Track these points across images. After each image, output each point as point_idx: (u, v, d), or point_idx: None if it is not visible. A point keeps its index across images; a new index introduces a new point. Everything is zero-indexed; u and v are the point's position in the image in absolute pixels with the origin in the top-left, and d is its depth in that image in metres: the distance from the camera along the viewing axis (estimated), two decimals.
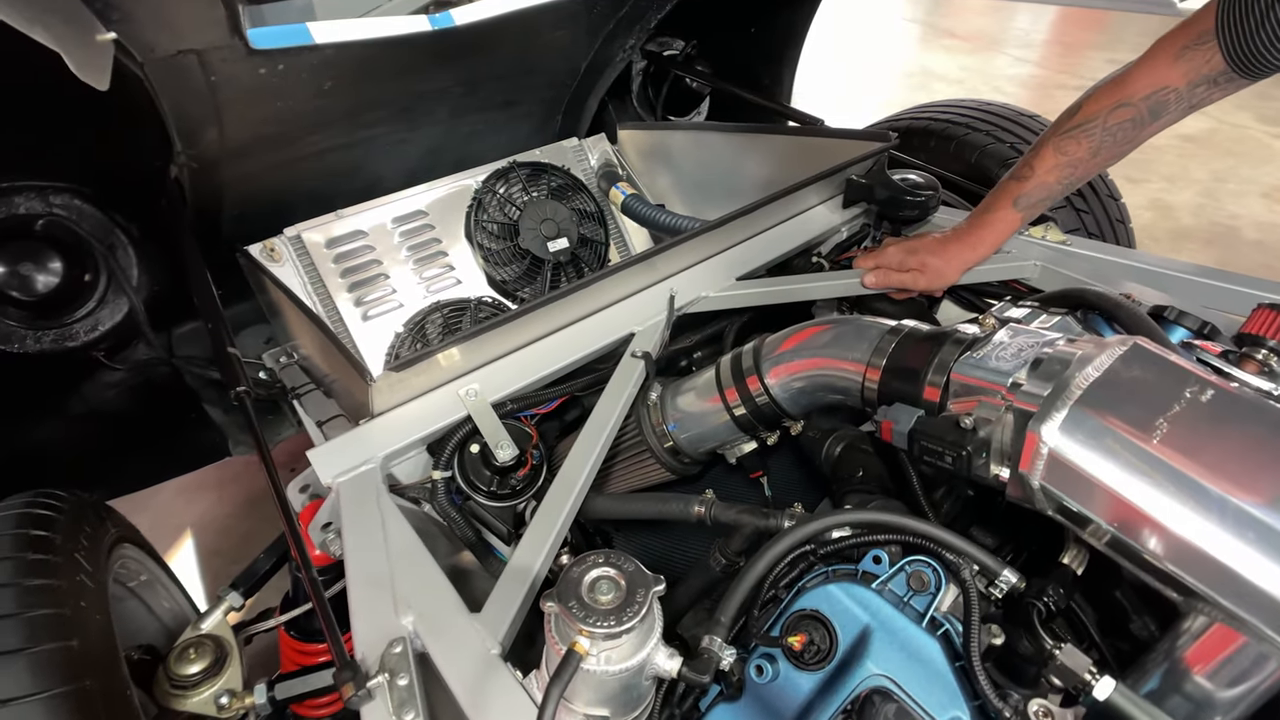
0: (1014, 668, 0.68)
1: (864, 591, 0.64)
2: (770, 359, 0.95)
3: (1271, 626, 0.54)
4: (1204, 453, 0.59)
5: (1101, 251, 1.20)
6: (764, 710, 0.64)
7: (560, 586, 0.60)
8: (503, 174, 1.72)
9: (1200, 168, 3.34)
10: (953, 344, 0.77)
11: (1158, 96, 0.95)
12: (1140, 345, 0.70)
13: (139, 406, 1.64)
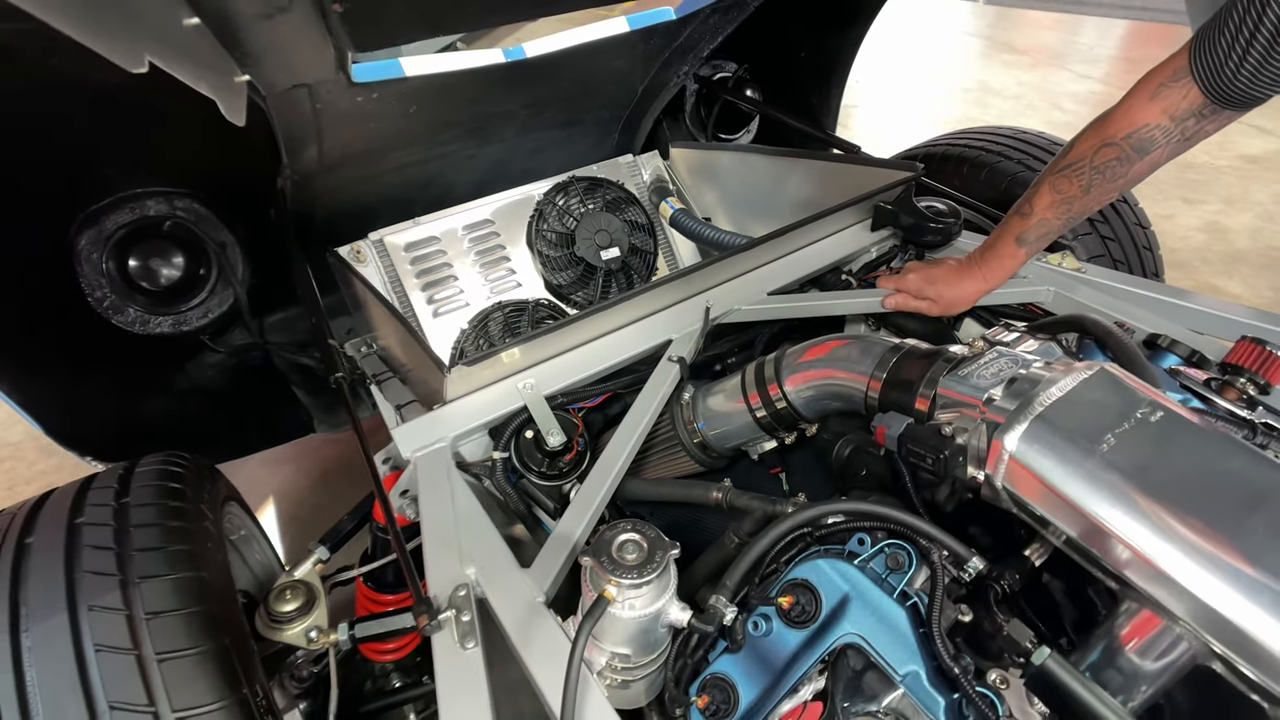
0: (981, 644, 0.79)
1: (846, 566, 0.77)
2: (789, 368, 1.08)
3: (1185, 613, 0.64)
4: (1142, 467, 0.69)
5: (1113, 280, 1.28)
6: (759, 660, 0.77)
7: (595, 545, 0.74)
8: (562, 187, 1.89)
9: (1262, 190, 3.27)
10: (943, 362, 0.88)
11: (1140, 134, 0.99)
12: (1106, 370, 0.80)
13: (236, 385, 1.86)
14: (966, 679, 0.67)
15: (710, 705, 0.77)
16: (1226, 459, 0.71)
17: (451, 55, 1.52)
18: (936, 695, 0.69)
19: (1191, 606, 0.64)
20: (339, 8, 1.09)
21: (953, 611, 0.77)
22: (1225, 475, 0.70)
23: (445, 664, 0.79)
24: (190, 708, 0.80)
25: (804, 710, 0.74)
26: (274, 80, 1.20)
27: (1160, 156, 1.03)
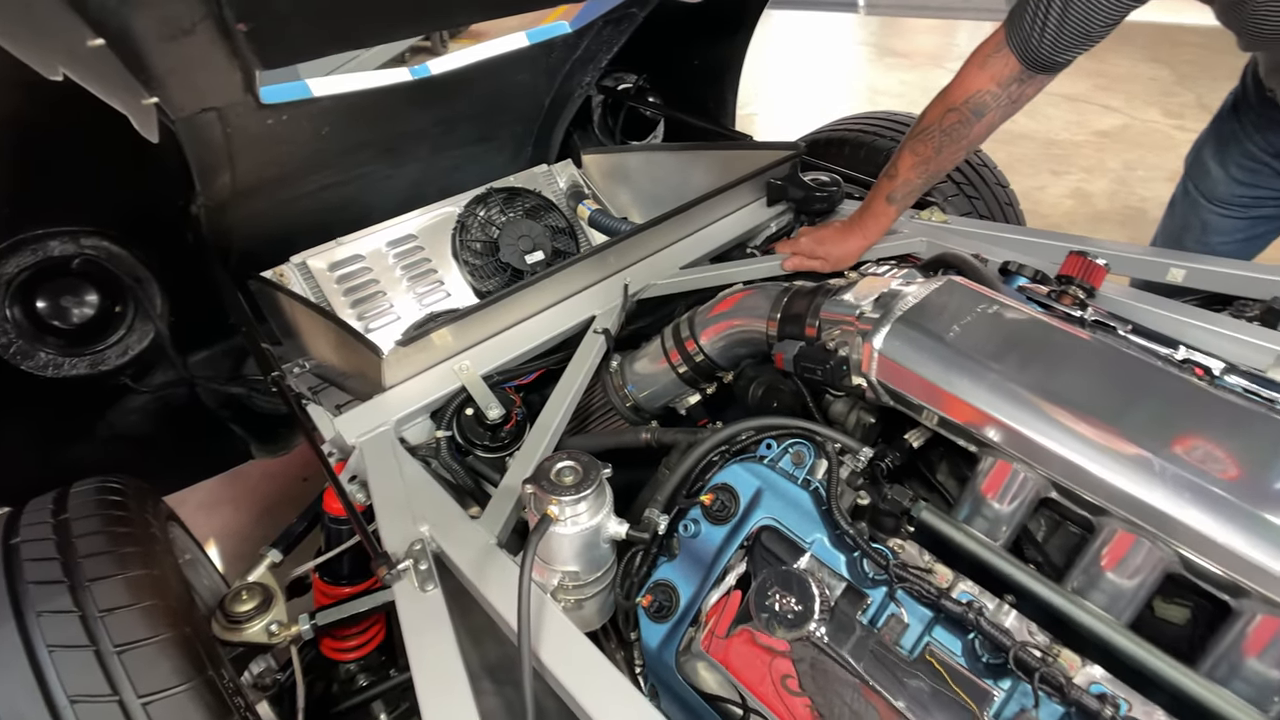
0: (880, 523, 0.92)
1: (757, 466, 0.89)
2: (702, 324, 1.21)
3: (1026, 455, 0.80)
4: (980, 346, 0.85)
5: (973, 226, 1.49)
6: (693, 560, 0.88)
7: (535, 474, 0.84)
8: (482, 199, 1.99)
9: (1114, 159, 3.70)
10: (824, 293, 1.03)
11: (975, 99, 1.18)
12: (952, 280, 0.97)
13: (164, 423, 1.85)
14: (861, 539, 0.81)
15: (654, 604, 0.87)
16: (1046, 335, 0.88)
17: (359, 75, 1.61)
18: (838, 554, 0.82)
19: (1028, 447, 0.79)
20: (243, 27, 1.16)
21: (853, 496, 0.90)
22: (1044, 346, 0.86)
23: (409, 609, 0.87)
24: (156, 691, 0.84)
25: (727, 602, 0.85)
26: (182, 104, 1.25)
27: (994, 119, 1.22)
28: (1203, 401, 0.82)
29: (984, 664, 0.73)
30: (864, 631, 0.77)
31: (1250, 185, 1.48)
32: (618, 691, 0.75)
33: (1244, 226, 1.55)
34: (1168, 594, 0.85)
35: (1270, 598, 0.68)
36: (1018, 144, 3.92)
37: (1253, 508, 0.69)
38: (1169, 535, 0.73)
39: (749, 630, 0.81)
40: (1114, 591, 0.77)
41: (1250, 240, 1.57)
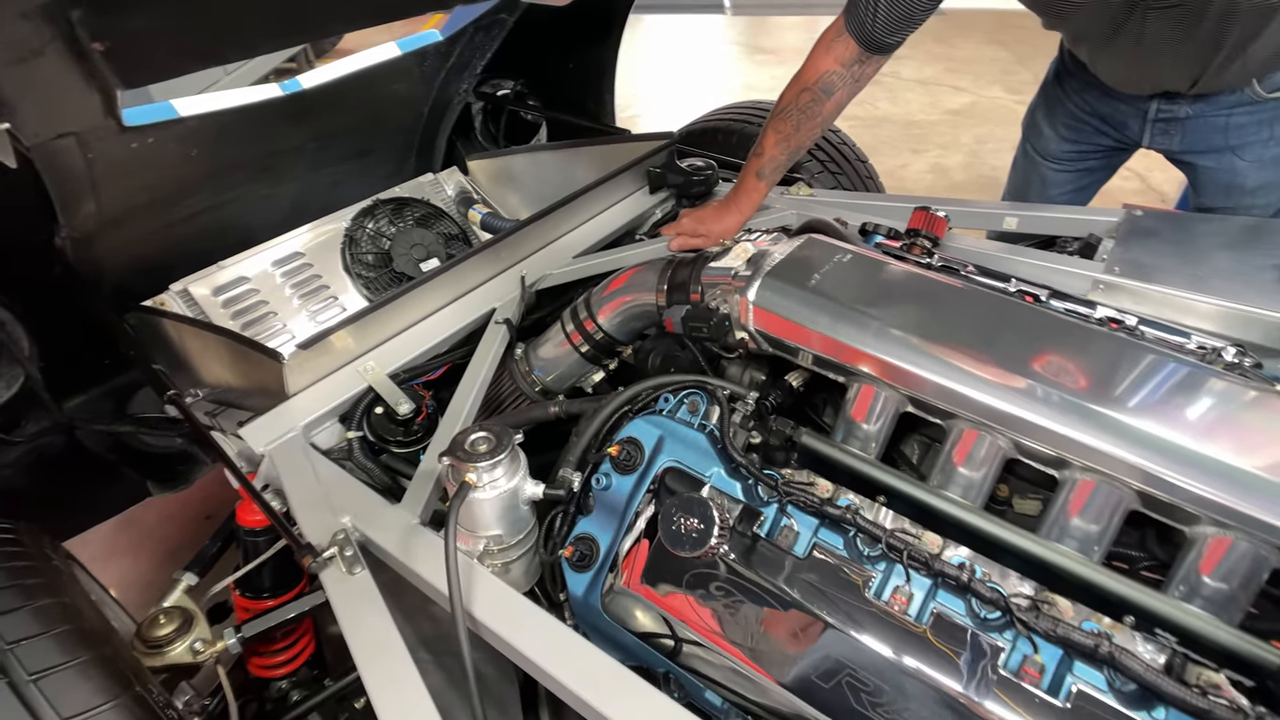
0: (772, 458, 1.03)
1: (657, 417, 0.99)
2: (598, 303, 1.30)
3: (884, 376, 0.93)
4: (837, 288, 0.99)
5: (836, 196, 1.66)
6: (608, 510, 0.96)
7: (450, 446, 0.90)
8: (369, 211, 1.99)
9: (966, 134, 4.11)
10: (703, 261, 1.15)
11: (824, 79, 1.33)
12: (812, 238, 1.10)
13: (43, 475, 1.75)
14: (753, 467, 0.91)
15: (576, 554, 0.95)
16: (895, 275, 1.03)
17: (226, 93, 1.60)
18: (734, 482, 0.92)
19: (885, 369, 0.93)
20: (100, 46, 1.14)
21: (745, 436, 1.01)
22: (893, 284, 1.01)
23: (339, 593, 0.90)
24: (79, 712, 0.84)
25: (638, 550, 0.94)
26: (36, 129, 1.21)
27: (842, 97, 1.37)
28: (1028, 319, 0.98)
29: (864, 555, 0.85)
30: (761, 542, 0.87)
31: (1076, 142, 1.72)
32: (555, 634, 0.82)
33: (1074, 178, 1.80)
34: (1023, 493, 1.01)
35: (1086, 465, 0.84)
36: (881, 127, 4.27)
37: (1068, 396, 0.85)
38: (1003, 425, 0.88)
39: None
40: (966, 482, 0.91)
41: (1080, 190, 1.83)
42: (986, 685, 0.75)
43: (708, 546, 0.84)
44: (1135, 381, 0.88)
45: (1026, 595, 0.80)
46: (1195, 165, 1.56)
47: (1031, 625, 0.76)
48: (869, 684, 0.79)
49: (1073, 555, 0.83)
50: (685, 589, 0.88)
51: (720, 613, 0.87)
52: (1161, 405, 0.85)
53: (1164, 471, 0.80)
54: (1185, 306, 1.24)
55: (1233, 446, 0.79)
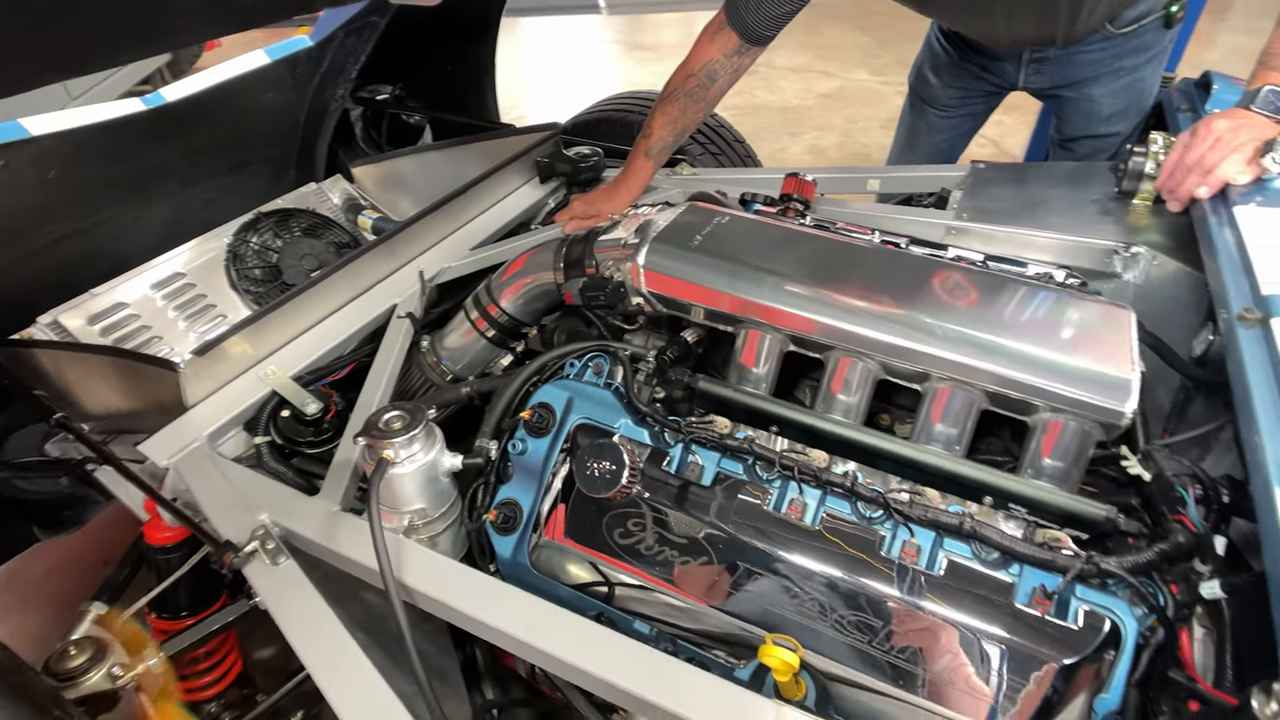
0: (676, 410, 1.12)
1: (564, 381, 1.06)
2: (499, 288, 1.35)
3: (765, 320, 1.04)
4: (718, 246, 1.09)
5: (717, 173, 1.78)
6: (526, 473, 1.02)
7: (365, 427, 0.93)
8: (251, 225, 1.95)
9: (837, 115, 4.41)
10: (595, 235, 1.22)
11: (708, 67, 1.46)
12: (694, 205, 1.20)
13: None
14: (659, 416, 1.00)
15: (500, 518, 1.00)
16: (768, 232, 1.14)
17: (83, 109, 1.54)
18: (641, 430, 1.00)
19: (765, 313, 1.04)
20: None
21: (650, 392, 1.09)
22: (768, 239, 1.12)
23: (266, 585, 0.91)
24: None
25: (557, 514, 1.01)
26: None
27: (723, 84, 1.51)
28: (888, 260, 1.12)
29: (762, 477, 0.95)
30: (670, 477, 0.96)
31: (959, 88, 1.96)
32: (486, 586, 0.87)
33: (956, 124, 2.05)
34: (902, 419, 1.14)
35: (942, 374, 0.97)
36: (760, 114, 4.51)
37: (921, 318, 0.98)
38: (871, 350, 1.00)
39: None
40: (845, 405, 1.03)
41: (961, 136, 2.10)
42: (874, 569, 0.87)
43: (620, 485, 0.91)
44: (976, 301, 1.03)
45: (902, 491, 0.92)
46: (1061, 98, 1.81)
47: (907, 514, 0.88)
48: (777, 585, 0.88)
49: (939, 453, 0.96)
50: (606, 531, 0.95)
51: (641, 548, 0.94)
52: (997, 317, 0.99)
53: (1002, 371, 0.94)
54: (1024, 242, 1.43)
55: (1057, 344, 0.95)
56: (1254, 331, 0.91)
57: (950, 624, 0.84)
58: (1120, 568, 0.82)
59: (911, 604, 0.85)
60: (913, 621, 0.85)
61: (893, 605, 0.86)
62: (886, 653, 0.85)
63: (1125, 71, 1.70)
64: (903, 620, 0.85)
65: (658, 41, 6.31)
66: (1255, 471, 0.78)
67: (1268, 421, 0.80)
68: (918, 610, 0.85)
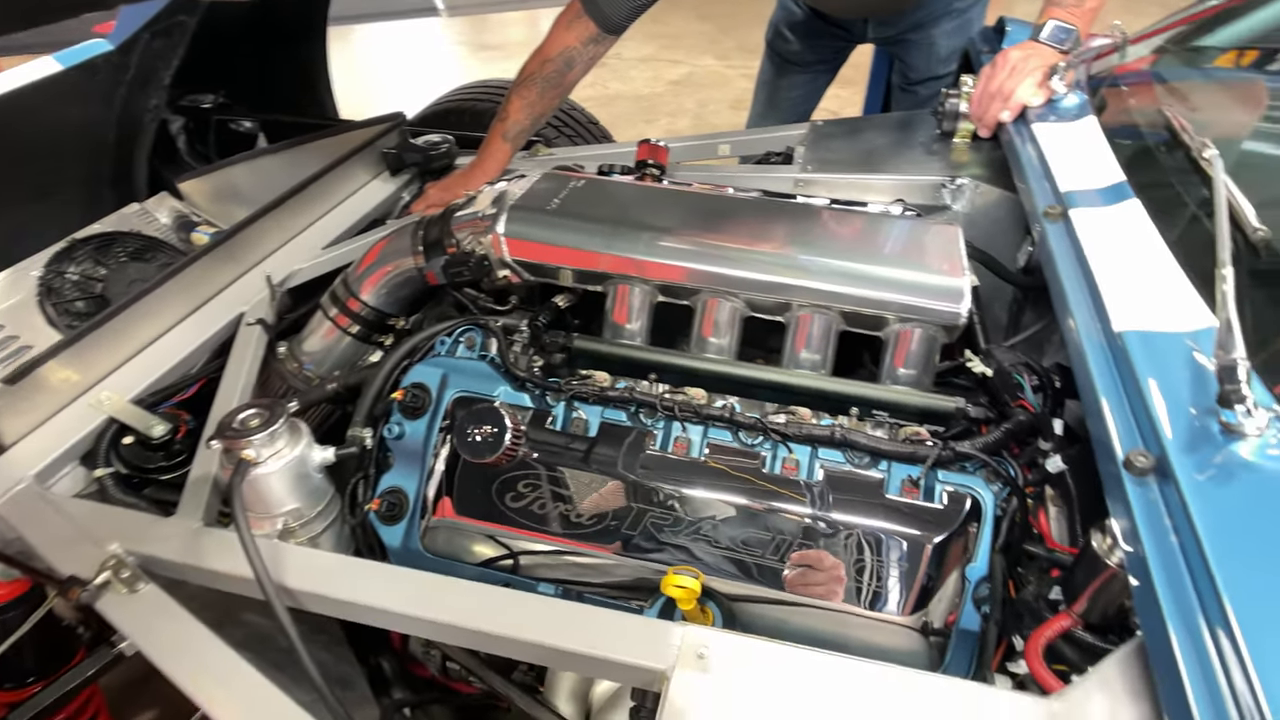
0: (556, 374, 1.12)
1: (436, 359, 1.04)
2: (356, 280, 1.29)
3: (631, 272, 1.06)
4: (575, 208, 1.11)
5: (574, 151, 1.80)
6: (407, 457, 1.00)
7: (219, 430, 0.87)
8: (66, 254, 1.75)
9: (689, 100, 4.59)
10: (451, 212, 1.21)
11: (565, 54, 1.49)
12: (549, 173, 1.21)
13: None
14: (538, 379, 1.00)
15: (384, 507, 0.97)
16: (623, 190, 1.17)
17: None
18: (521, 395, 1.01)
19: (630, 266, 1.06)
20: None
21: (527, 361, 1.09)
22: (623, 198, 1.15)
23: (127, 616, 0.83)
24: None
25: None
26: None
27: (580, 71, 1.54)
28: (741, 207, 1.18)
29: (646, 422, 0.98)
30: (556, 435, 0.97)
31: (813, 44, 2.14)
32: (377, 573, 0.84)
33: (811, 78, 2.25)
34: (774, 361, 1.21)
35: (803, 303, 1.03)
36: (614, 104, 4.59)
37: (776, 252, 1.05)
38: (734, 288, 1.05)
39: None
40: (717, 345, 1.08)
41: (816, 90, 2.30)
42: (759, 489, 0.91)
43: (505, 448, 0.91)
44: (825, 234, 1.11)
45: (778, 415, 0.98)
46: (906, 43, 2.04)
47: (784, 433, 0.93)
48: (675, 519, 0.92)
49: (807, 375, 1.03)
50: (498, 498, 0.95)
51: (536, 509, 0.94)
52: (845, 245, 1.08)
53: (853, 291, 1.02)
54: (864, 186, 1.55)
55: (898, 262, 1.04)
56: (1058, 225, 1.03)
57: (834, 525, 0.90)
58: (973, 449, 0.91)
59: (797, 513, 0.91)
60: (801, 530, 0.90)
61: (781, 518, 0.91)
62: (782, 563, 0.90)
63: (959, 13, 1.95)
64: (792, 530, 0.90)
65: (504, 40, 6.27)
66: (1072, 348, 0.89)
67: (1077, 299, 0.91)
68: (804, 518, 0.90)
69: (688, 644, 0.73)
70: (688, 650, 0.73)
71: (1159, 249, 0.92)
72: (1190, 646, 0.57)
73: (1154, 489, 0.66)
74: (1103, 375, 0.79)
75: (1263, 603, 0.55)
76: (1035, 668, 0.79)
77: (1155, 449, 0.68)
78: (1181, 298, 0.83)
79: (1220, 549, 0.58)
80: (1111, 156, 1.14)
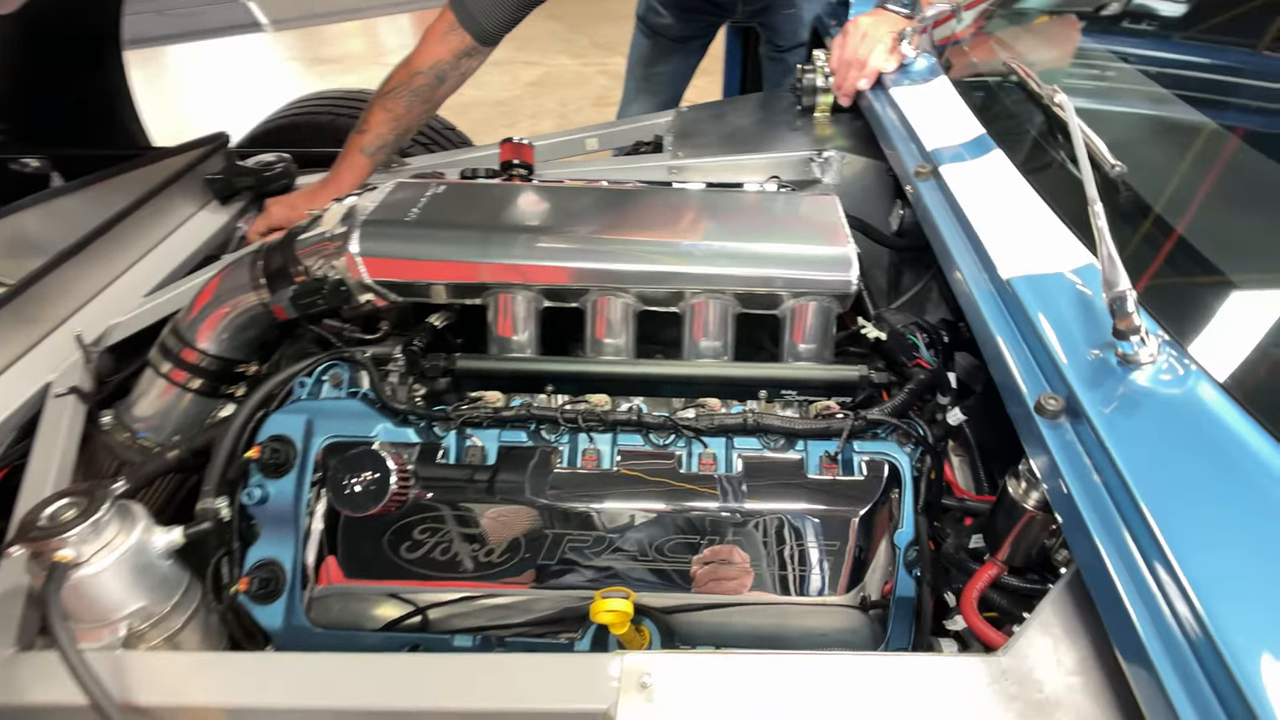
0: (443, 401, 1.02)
1: (297, 404, 0.91)
2: (190, 327, 1.13)
3: (510, 279, 0.98)
4: (437, 216, 1.02)
5: (432, 158, 1.70)
6: (277, 523, 0.86)
7: (19, 531, 0.71)
8: None
9: (549, 100, 4.52)
10: (293, 236, 1.07)
11: (437, 67, 1.44)
12: (402, 182, 1.11)
13: None
14: (421, 409, 0.90)
15: (256, 585, 0.83)
16: (489, 193, 1.09)
17: None
18: (404, 430, 0.90)
19: (508, 272, 0.98)
20: None
21: (407, 391, 0.99)
22: (493, 200, 1.08)
23: None
24: None
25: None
26: None
27: (451, 85, 1.50)
28: (619, 198, 1.13)
29: (549, 439, 0.90)
30: (450, 469, 0.87)
31: (684, 19, 2.21)
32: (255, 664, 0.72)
33: (683, 56, 2.31)
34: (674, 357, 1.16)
35: (696, 290, 0.99)
36: (471, 111, 4.44)
37: (661, 241, 1.00)
38: (622, 283, 0.99)
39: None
40: (613, 346, 1.02)
41: (689, 68, 2.36)
42: (679, 490, 0.86)
43: (390, 493, 0.80)
44: (708, 217, 1.08)
45: (687, 410, 0.93)
46: (773, 11, 2.17)
47: (695, 428, 0.89)
48: (595, 539, 0.85)
49: (710, 364, 0.99)
50: (392, 551, 0.84)
51: (438, 556, 0.85)
52: (730, 227, 1.05)
53: (745, 272, 0.99)
54: (736, 167, 1.54)
55: (783, 237, 1.02)
56: (930, 183, 1.05)
57: (760, 515, 0.86)
58: (883, 414, 0.90)
59: (721, 509, 0.86)
60: (728, 526, 0.86)
61: (706, 517, 0.86)
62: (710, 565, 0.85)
63: None
64: (719, 528, 0.86)
65: (342, 53, 5.95)
66: (963, 300, 0.91)
67: (961, 251, 0.93)
68: (729, 513, 0.86)
69: (628, 674, 0.67)
70: (629, 681, 0.67)
71: (1028, 194, 0.95)
72: (1127, 574, 0.57)
73: (1068, 429, 0.66)
74: (999, 323, 0.80)
75: (1190, 523, 0.56)
76: (974, 622, 0.79)
77: (1062, 389, 0.68)
78: (1057, 238, 0.86)
79: (1142, 478, 0.59)
80: (969, 112, 1.18)
